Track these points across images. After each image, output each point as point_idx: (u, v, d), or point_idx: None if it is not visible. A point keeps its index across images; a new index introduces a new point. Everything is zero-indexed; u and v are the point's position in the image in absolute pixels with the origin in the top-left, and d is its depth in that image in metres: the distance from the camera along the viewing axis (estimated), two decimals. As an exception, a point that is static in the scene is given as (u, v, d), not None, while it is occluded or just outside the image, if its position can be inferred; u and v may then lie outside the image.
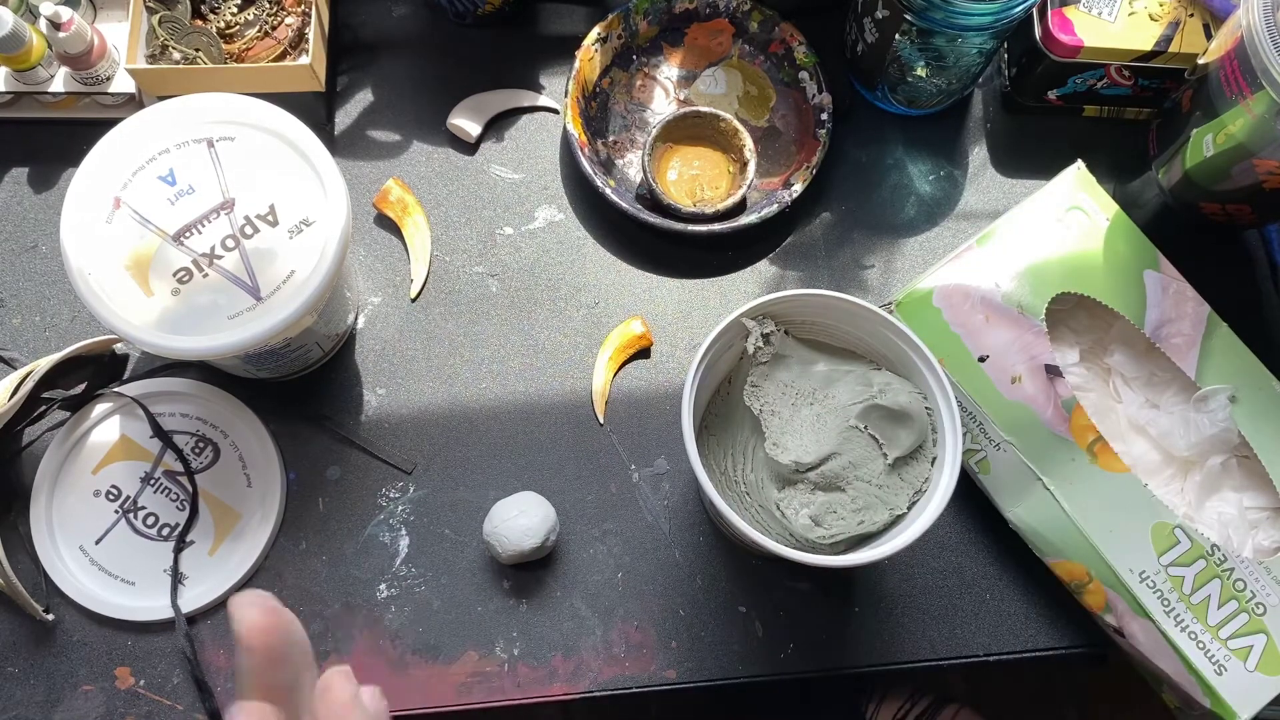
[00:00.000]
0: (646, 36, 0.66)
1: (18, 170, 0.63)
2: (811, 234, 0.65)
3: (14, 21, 0.56)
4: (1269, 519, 0.54)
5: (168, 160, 0.50)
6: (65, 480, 0.57)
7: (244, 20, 0.61)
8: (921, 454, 0.50)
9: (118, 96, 0.62)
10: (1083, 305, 0.58)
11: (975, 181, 0.66)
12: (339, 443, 0.59)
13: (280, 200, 0.50)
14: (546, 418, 0.60)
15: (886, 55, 0.60)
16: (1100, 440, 0.52)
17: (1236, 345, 0.56)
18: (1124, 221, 0.57)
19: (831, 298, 0.50)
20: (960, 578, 0.58)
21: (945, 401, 0.49)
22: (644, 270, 0.63)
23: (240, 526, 0.57)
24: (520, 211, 0.64)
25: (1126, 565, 0.51)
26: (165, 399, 0.58)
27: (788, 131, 0.66)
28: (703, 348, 0.48)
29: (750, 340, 0.51)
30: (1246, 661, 0.50)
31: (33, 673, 0.55)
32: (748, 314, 0.50)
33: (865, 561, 0.46)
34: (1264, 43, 0.50)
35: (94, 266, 0.48)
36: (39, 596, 0.55)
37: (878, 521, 0.50)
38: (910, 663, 0.57)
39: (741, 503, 0.52)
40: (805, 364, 0.53)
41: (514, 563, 0.55)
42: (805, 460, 0.50)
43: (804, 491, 0.51)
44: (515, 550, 0.54)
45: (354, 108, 0.66)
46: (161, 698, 0.55)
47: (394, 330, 0.61)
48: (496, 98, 0.65)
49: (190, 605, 0.55)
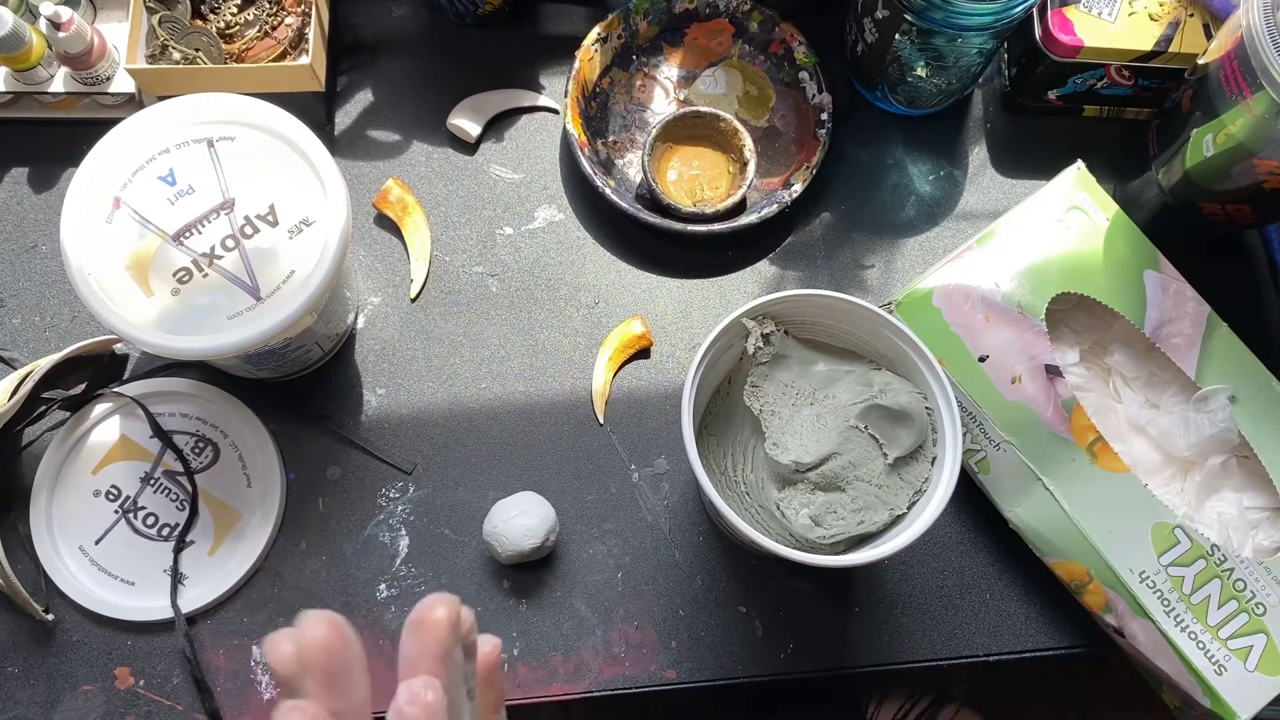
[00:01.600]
0: (646, 36, 0.66)
1: (18, 170, 0.63)
2: (811, 234, 0.65)
3: (14, 21, 0.56)
4: (1269, 519, 0.54)
5: (168, 160, 0.50)
6: (65, 480, 0.57)
7: (244, 20, 0.61)
8: (921, 454, 0.50)
9: (118, 96, 0.62)
10: (1083, 305, 0.57)
11: (975, 181, 0.66)
12: (339, 443, 0.59)
13: (280, 200, 0.50)
14: (546, 418, 0.60)
15: (886, 55, 0.60)
16: (1100, 440, 0.53)
17: (1236, 345, 0.56)
18: (1124, 221, 0.57)
19: (831, 298, 0.50)
20: (960, 578, 0.58)
21: (945, 401, 0.49)
22: (644, 270, 0.63)
23: (240, 526, 0.57)
24: (520, 211, 0.64)
25: (1126, 565, 0.51)
26: (165, 399, 0.58)
27: (788, 131, 0.66)
28: (702, 348, 0.48)
29: (750, 340, 0.51)
30: (1246, 661, 0.50)
31: (33, 673, 0.55)
32: (748, 314, 0.50)
33: (865, 561, 0.46)
34: (1264, 43, 0.50)
35: (94, 266, 0.48)
36: (39, 596, 0.55)
37: (878, 521, 0.50)
38: (910, 663, 0.57)
39: (741, 503, 0.52)
40: (805, 364, 0.53)
41: (514, 563, 0.55)
42: (805, 460, 0.50)
43: (804, 491, 0.51)
44: (515, 550, 0.54)
45: (354, 108, 0.66)
46: (161, 698, 0.55)
47: (394, 330, 0.61)
48: (496, 98, 0.65)
49: (190, 605, 0.55)
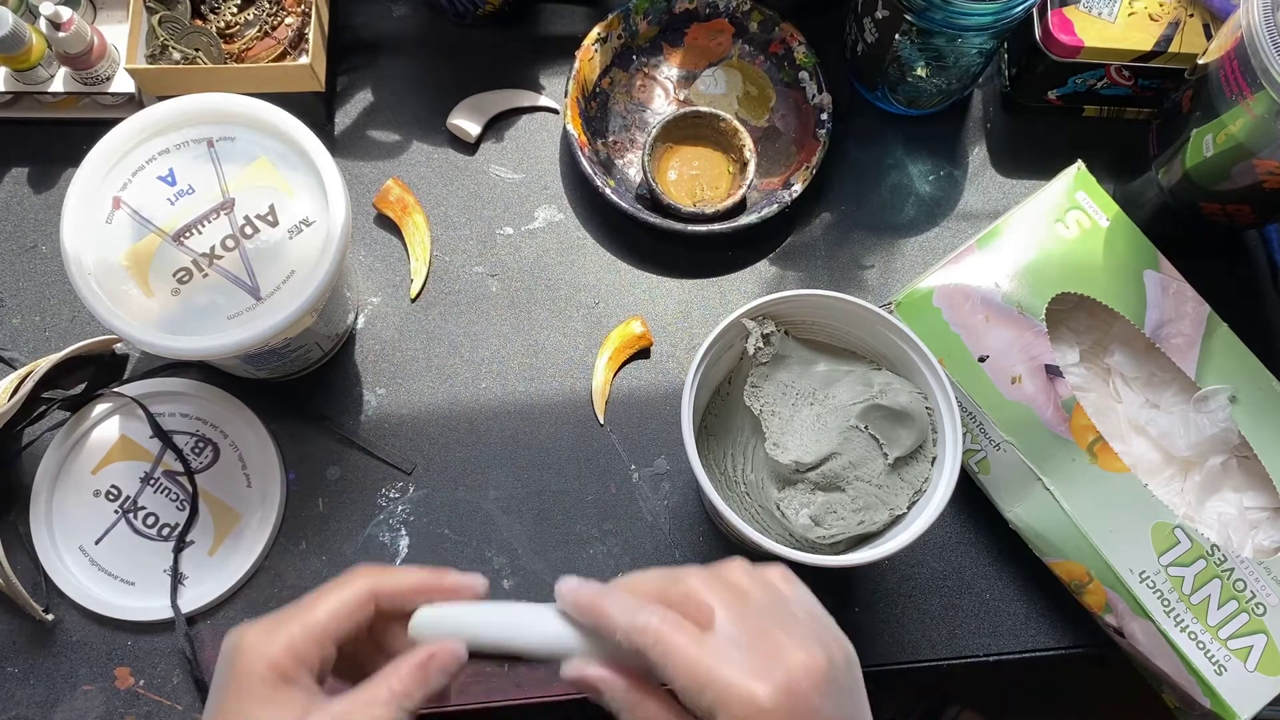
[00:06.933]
0: (646, 36, 0.66)
1: (18, 170, 0.63)
2: (811, 234, 0.65)
3: (14, 21, 0.56)
4: (1269, 519, 0.54)
5: (168, 160, 0.50)
6: (65, 480, 0.57)
7: (244, 20, 0.61)
8: (922, 454, 0.50)
9: (118, 96, 0.62)
10: (1083, 305, 0.57)
11: (975, 181, 0.66)
12: (339, 443, 0.59)
13: (280, 200, 0.50)
14: (546, 418, 0.60)
15: (886, 55, 0.60)
16: (1100, 440, 0.53)
17: (1236, 345, 0.56)
18: (1124, 221, 0.57)
19: (831, 298, 0.50)
20: (960, 578, 0.58)
21: (945, 401, 0.49)
22: (644, 270, 0.63)
23: (240, 526, 0.57)
24: (520, 211, 0.64)
25: (1126, 565, 0.51)
26: (165, 399, 0.58)
27: (788, 131, 0.66)
28: (702, 348, 0.48)
29: (750, 341, 0.51)
30: (1246, 661, 0.50)
31: (33, 673, 0.55)
32: (748, 314, 0.50)
33: (865, 561, 0.46)
34: (1264, 43, 0.50)
35: (94, 267, 0.48)
36: (39, 596, 0.55)
37: (878, 521, 0.50)
38: (910, 663, 0.57)
39: (741, 503, 0.52)
40: (805, 364, 0.53)
41: None
42: (805, 460, 0.50)
43: (804, 491, 0.51)
44: None
45: (354, 108, 0.66)
46: (161, 698, 0.55)
47: (394, 330, 0.61)
48: (496, 98, 0.65)
49: (190, 605, 0.55)
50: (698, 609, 0.38)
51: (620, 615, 0.37)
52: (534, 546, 0.58)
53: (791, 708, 0.36)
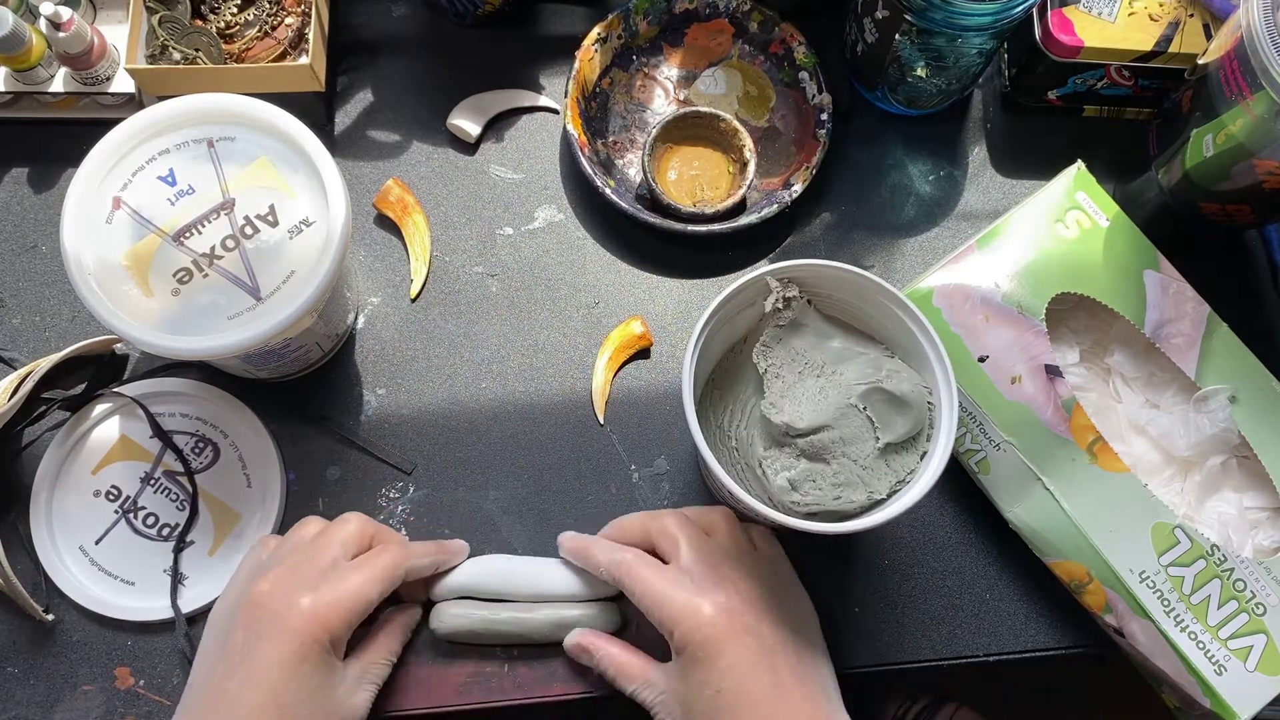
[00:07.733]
0: (646, 36, 0.66)
1: (18, 170, 0.63)
2: (811, 234, 0.65)
3: (14, 21, 0.56)
4: (1269, 519, 0.54)
5: (168, 160, 0.50)
6: (65, 480, 0.57)
7: (244, 20, 0.62)
8: (914, 445, 0.50)
9: (118, 96, 0.62)
10: (1083, 305, 0.58)
11: (975, 181, 0.66)
12: (339, 443, 0.59)
13: (280, 200, 0.50)
14: (546, 418, 0.60)
15: (886, 55, 0.60)
16: (1100, 440, 0.53)
17: (1236, 345, 0.56)
18: (1124, 221, 0.57)
19: (853, 272, 0.50)
20: (960, 578, 0.58)
21: (948, 397, 0.49)
22: (644, 270, 0.63)
23: (240, 526, 0.57)
24: (520, 211, 0.64)
25: (1126, 565, 0.51)
26: (165, 399, 0.58)
27: (788, 131, 0.66)
28: (721, 297, 0.49)
29: (770, 300, 0.51)
30: (1246, 662, 0.50)
31: (33, 673, 0.55)
32: (772, 274, 0.50)
33: (832, 532, 0.46)
34: (1264, 43, 0.50)
35: (94, 267, 0.48)
36: (39, 596, 0.55)
37: (855, 501, 0.49)
38: (910, 663, 0.57)
39: (730, 458, 0.52)
40: (821, 337, 0.53)
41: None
42: (797, 426, 0.50)
43: (789, 455, 0.51)
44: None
45: (354, 108, 0.66)
46: (161, 698, 0.55)
47: (394, 330, 0.61)
48: (496, 98, 0.65)
49: (190, 605, 0.55)
50: (671, 542, 0.50)
51: (602, 554, 0.51)
52: (534, 546, 0.58)
53: (730, 624, 0.46)
